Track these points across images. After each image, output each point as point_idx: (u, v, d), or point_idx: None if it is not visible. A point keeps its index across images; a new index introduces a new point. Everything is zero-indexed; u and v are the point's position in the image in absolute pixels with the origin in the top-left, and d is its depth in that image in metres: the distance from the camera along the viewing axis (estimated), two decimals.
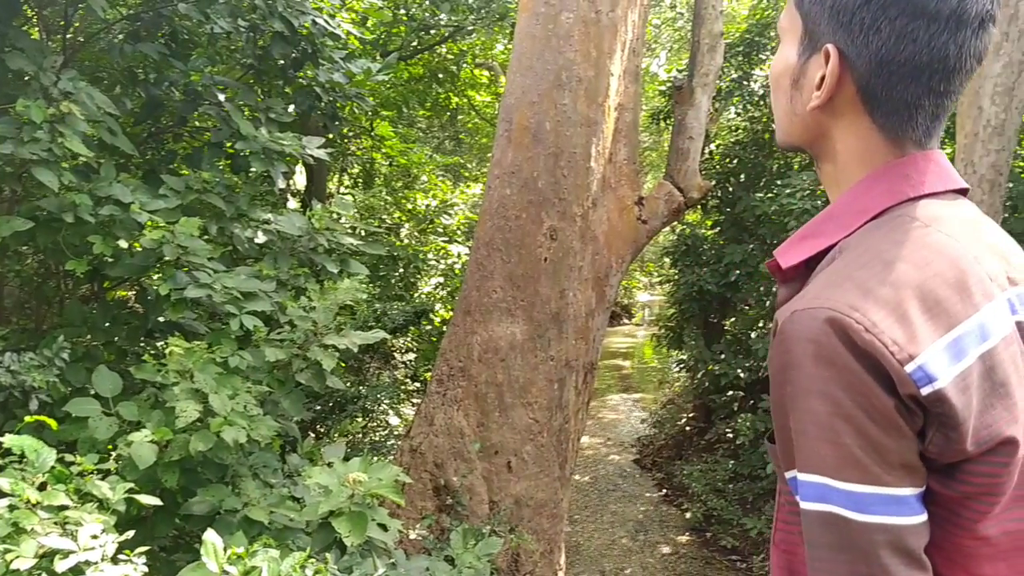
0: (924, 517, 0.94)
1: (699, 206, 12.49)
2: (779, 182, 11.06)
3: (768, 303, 11.83)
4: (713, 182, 11.89)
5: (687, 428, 12.64)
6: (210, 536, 2.81)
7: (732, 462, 10.42)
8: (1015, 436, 0.95)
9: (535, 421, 6.17)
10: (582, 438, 12.96)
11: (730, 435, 10.86)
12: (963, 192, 1.12)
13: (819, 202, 9.94)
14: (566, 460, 6.44)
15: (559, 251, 6.22)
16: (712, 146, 12.65)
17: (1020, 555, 1.00)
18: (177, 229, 4.27)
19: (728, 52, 11.30)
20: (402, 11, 10.39)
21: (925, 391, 0.91)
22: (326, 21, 5.37)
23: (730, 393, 11.28)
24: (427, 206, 11.23)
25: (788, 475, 1.07)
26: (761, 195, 11.43)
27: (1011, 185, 8.96)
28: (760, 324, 11.74)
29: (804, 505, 0.98)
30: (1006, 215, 8.70)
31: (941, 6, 0.98)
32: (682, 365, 12.85)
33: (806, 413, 0.94)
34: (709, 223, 13.09)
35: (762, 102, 12.06)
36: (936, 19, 0.98)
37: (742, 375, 10.81)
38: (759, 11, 12.10)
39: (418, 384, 9.82)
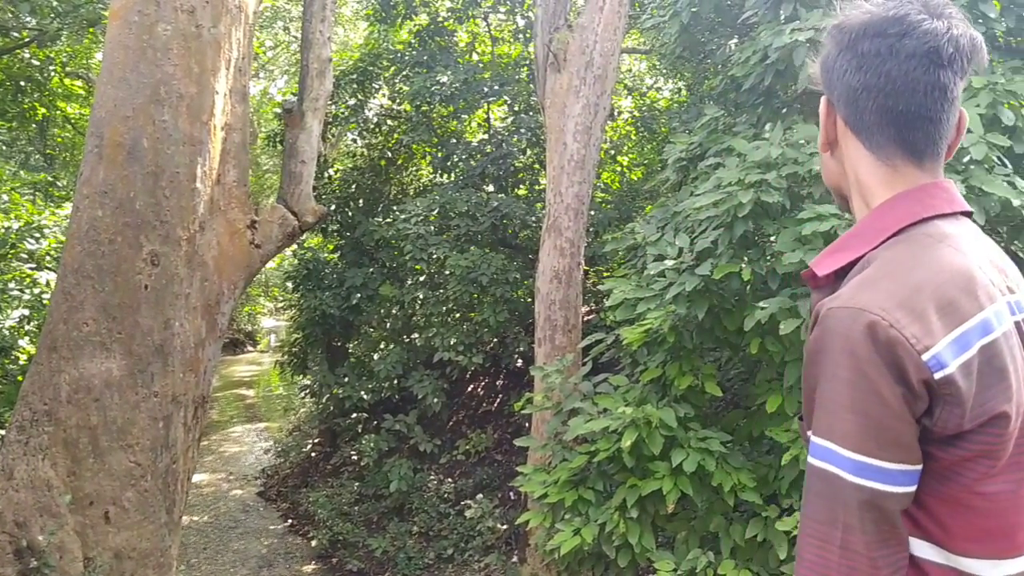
0: (905, 489, 1.15)
1: (320, 230, 12.47)
2: (396, 208, 11.42)
3: (388, 324, 12.11)
4: (332, 207, 11.96)
5: (313, 454, 12.47)
6: None
7: (357, 484, 10.46)
8: (1007, 411, 1.14)
9: (137, 464, 5.65)
10: (199, 476, 12.24)
11: (355, 457, 10.89)
12: (967, 215, 1.33)
13: (432, 227, 10.42)
14: (175, 503, 5.97)
15: (162, 278, 5.78)
16: (331, 171, 12.70)
17: (1009, 511, 1.19)
18: None
19: (343, 79, 11.43)
20: None
21: (938, 376, 1.11)
22: None
23: (354, 415, 11.33)
24: (7, 228, 9.84)
25: (808, 435, 1.25)
26: (379, 220, 11.71)
27: (592, 213, 10.13)
28: (382, 346, 11.98)
29: (810, 460, 1.20)
30: (590, 240, 9.81)
31: (877, 45, 1.26)
32: (307, 390, 12.66)
33: (829, 391, 1.16)
34: (331, 247, 13.10)
35: (377, 129, 12.37)
36: (879, 53, 1.26)
37: (366, 397, 10.93)
38: (372, 41, 12.41)
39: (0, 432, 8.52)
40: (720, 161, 5.47)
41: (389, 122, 12.44)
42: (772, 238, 4.95)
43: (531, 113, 11.78)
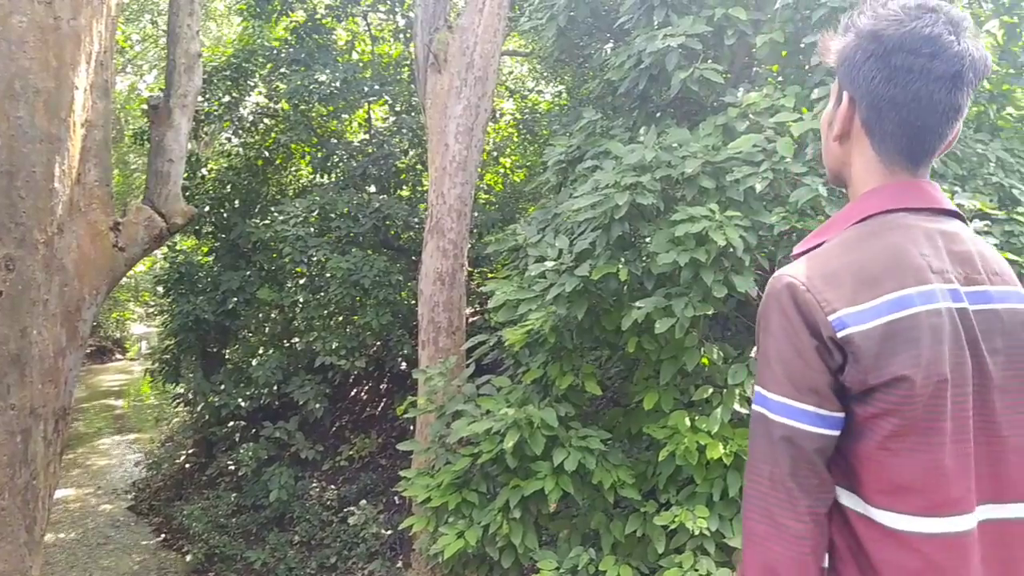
0: (819, 430, 1.33)
1: (193, 232, 12.03)
2: (274, 209, 11.12)
3: (267, 329, 11.77)
4: (206, 207, 11.55)
5: (187, 465, 12.00)
6: None
7: (235, 495, 10.13)
8: (908, 375, 1.28)
9: None
10: (65, 491, 11.59)
11: (232, 467, 10.55)
12: (951, 214, 1.46)
13: (312, 228, 10.20)
14: (35, 521, 5.62)
15: (18, 283, 5.43)
16: (205, 171, 12.27)
17: (921, 473, 1.30)
18: None
19: (216, 75, 11.06)
20: None
21: (840, 334, 1.30)
22: None
23: (231, 424, 10.98)
24: None
25: None
26: (257, 221, 11.38)
27: (476, 214, 10.14)
28: (261, 351, 11.64)
29: (752, 407, 1.40)
30: (473, 241, 9.81)
31: (913, 63, 1.36)
32: (180, 399, 12.18)
33: (763, 346, 1.39)
34: (205, 249, 12.65)
35: (254, 128, 12.02)
36: (911, 71, 1.36)
37: (243, 404, 10.59)
38: (246, 37, 12.05)
39: None
40: (597, 164, 5.56)
41: (266, 121, 12.12)
42: (647, 239, 5.06)
43: (413, 113, 11.70)
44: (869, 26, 1.42)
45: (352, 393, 11.81)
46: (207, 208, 11.57)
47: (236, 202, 12.16)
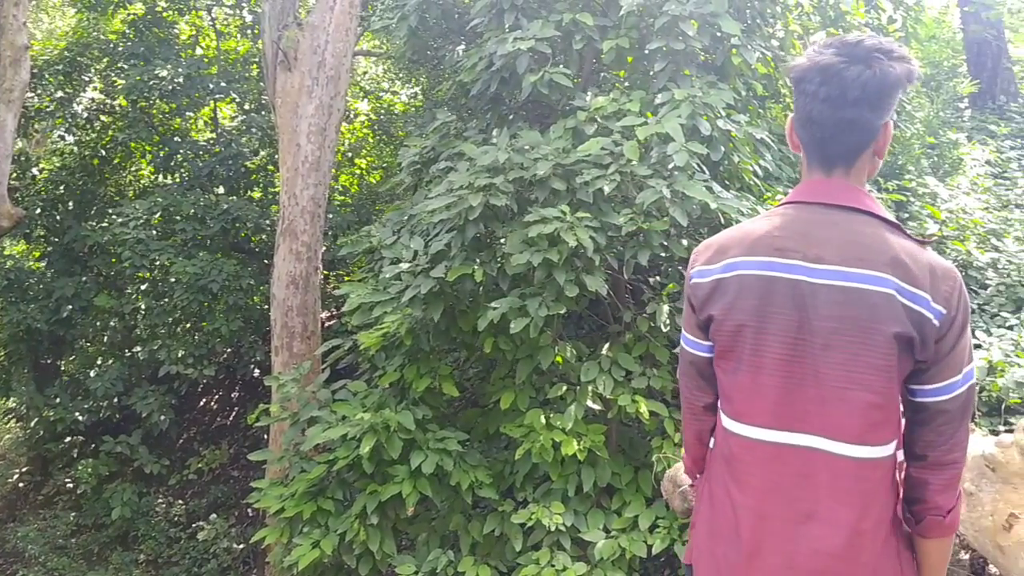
0: (690, 349, 1.91)
1: (23, 236, 11.22)
2: (111, 211, 10.54)
3: (107, 338, 11.12)
4: (37, 210, 10.79)
5: (21, 484, 11.20)
6: None
7: (74, 514, 9.57)
8: (715, 315, 1.77)
9: None
10: None
11: (70, 485, 9.94)
12: (851, 209, 1.73)
13: (154, 231, 9.73)
14: None
15: None
16: (36, 171, 11.46)
17: (733, 387, 1.79)
18: None
19: (47, 69, 10.36)
20: None
21: (691, 283, 1.84)
22: None
23: (68, 439, 10.32)
24: None
25: None
26: (93, 224, 10.76)
27: (331, 216, 9.94)
28: (99, 362, 10.99)
29: None
30: (328, 244, 9.62)
31: (808, 88, 1.72)
32: (11, 414, 11.35)
33: None
34: (36, 254, 11.83)
35: (89, 125, 11.33)
36: (806, 94, 1.73)
37: (81, 418, 9.96)
38: (80, 30, 11.34)
39: None
40: (452, 165, 5.56)
41: (103, 118, 11.44)
42: (502, 240, 5.10)
43: (263, 113, 11.35)
44: (797, 61, 1.80)
45: (201, 403, 11.35)
46: (38, 210, 10.80)
47: (70, 204, 11.41)
